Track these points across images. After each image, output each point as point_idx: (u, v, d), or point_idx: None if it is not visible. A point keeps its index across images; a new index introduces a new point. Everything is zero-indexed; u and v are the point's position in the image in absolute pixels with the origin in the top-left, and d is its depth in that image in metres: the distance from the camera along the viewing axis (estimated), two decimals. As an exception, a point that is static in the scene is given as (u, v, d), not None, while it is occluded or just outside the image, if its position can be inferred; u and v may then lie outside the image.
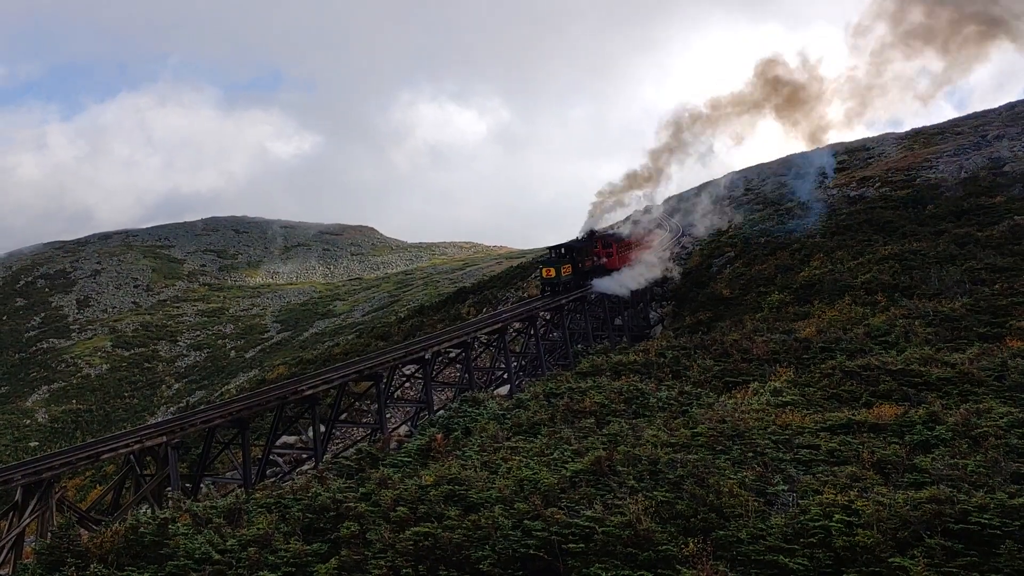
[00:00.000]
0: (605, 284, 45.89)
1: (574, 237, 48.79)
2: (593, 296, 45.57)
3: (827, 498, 12.45)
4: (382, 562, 12.08)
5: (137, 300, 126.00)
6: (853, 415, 18.02)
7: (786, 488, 13.81)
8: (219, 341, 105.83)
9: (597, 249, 47.82)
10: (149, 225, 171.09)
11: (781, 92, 51.17)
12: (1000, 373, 20.46)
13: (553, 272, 45.57)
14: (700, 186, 70.41)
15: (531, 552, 11.87)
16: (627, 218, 54.60)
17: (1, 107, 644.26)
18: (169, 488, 24.65)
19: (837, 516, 11.65)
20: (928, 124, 69.39)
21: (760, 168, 73.33)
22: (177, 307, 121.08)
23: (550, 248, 48.27)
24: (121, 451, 24.74)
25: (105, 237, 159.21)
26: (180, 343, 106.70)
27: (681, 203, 67.41)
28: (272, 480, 29.68)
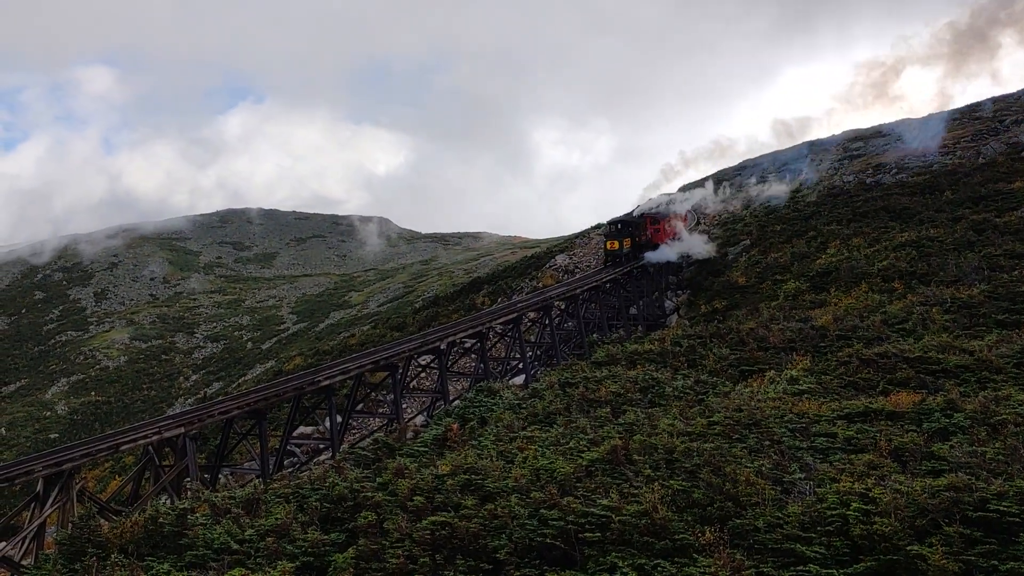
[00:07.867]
0: (655, 256, 49.78)
1: (625, 213, 53.11)
2: (652, 268, 49.62)
3: (844, 486, 12.40)
4: (399, 551, 12.14)
5: (154, 292, 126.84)
6: (870, 403, 17.95)
7: (803, 476, 13.77)
8: (236, 332, 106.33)
9: (647, 225, 51.52)
10: (165, 218, 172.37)
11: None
12: (1019, 360, 20.34)
13: (617, 244, 50.15)
14: (715, 174, 70.08)
15: (548, 541, 11.89)
16: (650, 201, 56.19)
17: (154, 114, 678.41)
18: (188, 479, 24.86)
19: (854, 504, 11.60)
20: (946, 109, 68.58)
21: (774, 156, 72.82)
22: (194, 299, 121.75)
23: (609, 222, 52.42)
24: (140, 442, 24.94)
25: (121, 230, 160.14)
26: (197, 335, 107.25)
27: (698, 189, 67.37)
28: (290, 470, 29.83)
